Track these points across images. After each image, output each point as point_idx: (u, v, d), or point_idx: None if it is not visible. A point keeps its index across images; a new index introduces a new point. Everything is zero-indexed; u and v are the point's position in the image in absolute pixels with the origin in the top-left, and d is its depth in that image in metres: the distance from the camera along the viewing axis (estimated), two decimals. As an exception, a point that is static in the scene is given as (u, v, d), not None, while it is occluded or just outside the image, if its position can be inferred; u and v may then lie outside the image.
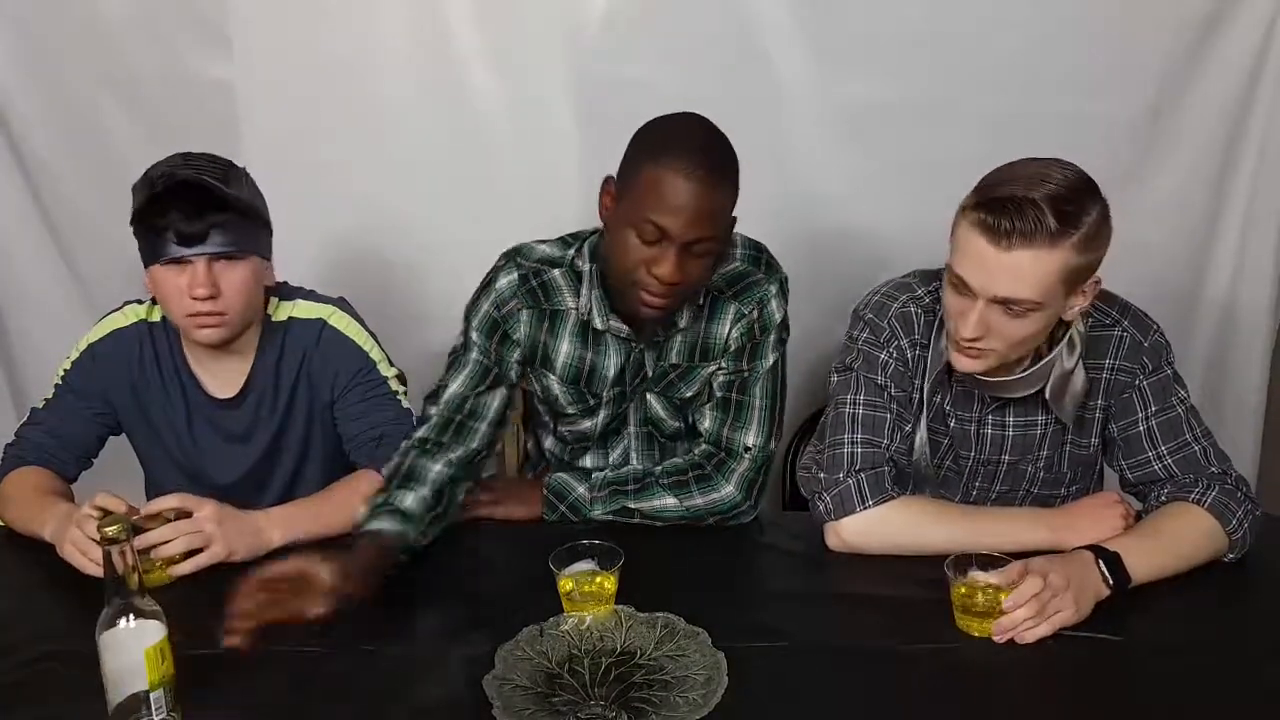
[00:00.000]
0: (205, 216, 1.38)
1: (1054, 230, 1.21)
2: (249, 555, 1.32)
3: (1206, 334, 2.11)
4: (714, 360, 1.50)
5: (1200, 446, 1.38)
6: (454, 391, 1.47)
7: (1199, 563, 1.31)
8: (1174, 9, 1.88)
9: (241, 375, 1.55)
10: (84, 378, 1.54)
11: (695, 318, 1.48)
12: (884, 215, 1.99)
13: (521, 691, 1.08)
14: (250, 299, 1.47)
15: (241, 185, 1.44)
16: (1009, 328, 1.28)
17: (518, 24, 1.92)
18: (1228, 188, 2.01)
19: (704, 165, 1.28)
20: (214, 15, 1.91)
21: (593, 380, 1.51)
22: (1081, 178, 1.26)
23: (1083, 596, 1.20)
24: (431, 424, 1.45)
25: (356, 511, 1.37)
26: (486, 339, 1.48)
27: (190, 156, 1.42)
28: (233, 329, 1.47)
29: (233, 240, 1.41)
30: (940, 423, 1.47)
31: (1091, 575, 1.24)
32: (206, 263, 1.40)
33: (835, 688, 1.11)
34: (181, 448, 1.58)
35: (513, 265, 1.48)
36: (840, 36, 1.91)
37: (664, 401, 1.54)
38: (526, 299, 1.47)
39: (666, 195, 1.27)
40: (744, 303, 1.47)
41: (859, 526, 1.36)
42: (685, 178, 1.26)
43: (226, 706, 1.08)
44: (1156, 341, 1.41)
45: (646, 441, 1.58)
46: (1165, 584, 1.29)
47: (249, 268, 1.44)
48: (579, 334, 1.48)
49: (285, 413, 1.57)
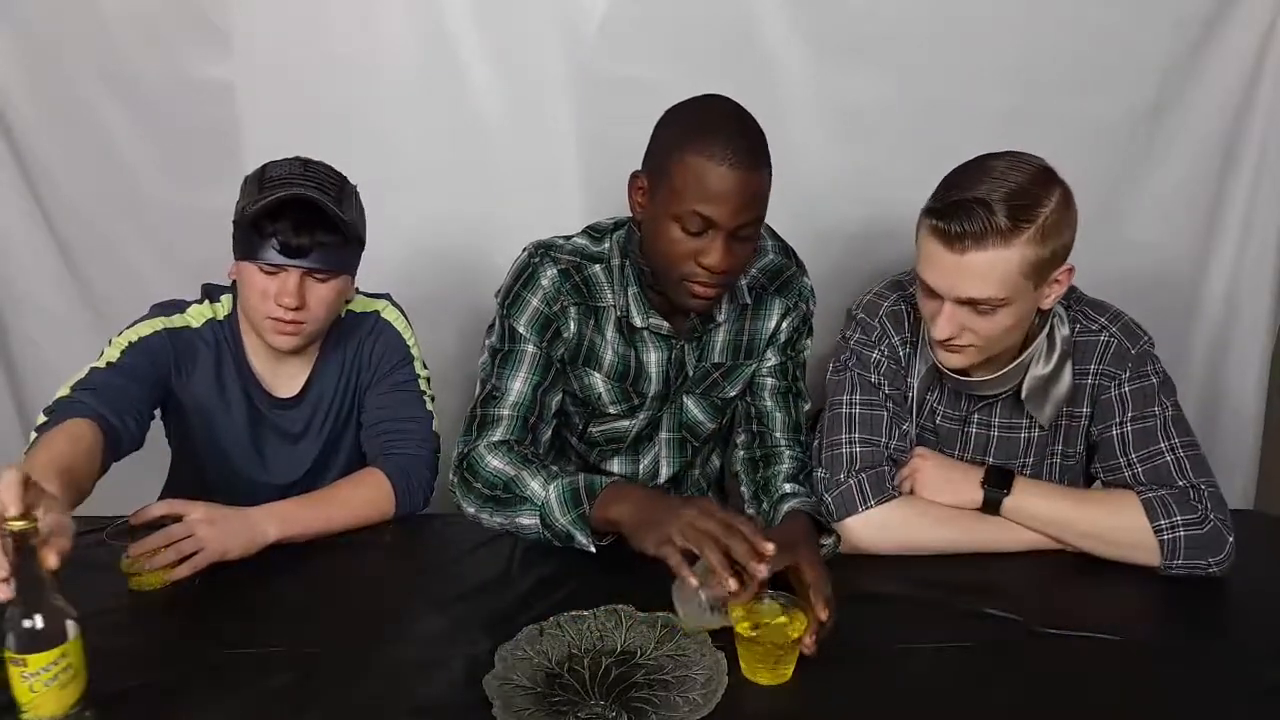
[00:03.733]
0: (314, 234, 1.39)
1: (1005, 228, 1.22)
2: (243, 553, 1.32)
3: (1206, 333, 2.11)
4: (758, 356, 1.50)
5: (1173, 457, 1.35)
6: (520, 390, 1.42)
7: (1107, 538, 1.32)
8: (1174, 9, 1.88)
9: (304, 375, 1.56)
10: (150, 353, 1.46)
11: (739, 314, 1.47)
12: (883, 215, 1.99)
13: (521, 691, 1.08)
14: (332, 314, 1.49)
15: (351, 206, 1.45)
16: (982, 324, 1.29)
17: (518, 24, 1.91)
18: (1228, 187, 2.01)
19: (744, 148, 1.24)
20: (214, 15, 1.91)
21: (639, 379, 1.48)
22: (1034, 169, 1.26)
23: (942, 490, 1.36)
24: (504, 426, 1.40)
25: (357, 510, 1.41)
26: (539, 335, 1.43)
27: (310, 166, 1.43)
28: (308, 339, 1.49)
29: (331, 260, 1.42)
30: (929, 420, 1.47)
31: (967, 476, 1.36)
32: (300, 276, 1.40)
33: (835, 688, 1.11)
34: (241, 449, 1.56)
35: (548, 261, 1.43)
36: (840, 36, 1.91)
37: (704, 404, 1.52)
38: (573, 295, 1.43)
39: (710, 183, 1.24)
40: (787, 296, 1.48)
41: (861, 526, 1.36)
42: (729, 165, 1.23)
43: (227, 706, 1.08)
44: (1144, 351, 1.39)
45: (679, 448, 1.57)
46: (1165, 584, 1.30)
47: (339, 285, 1.46)
48: (620, 332, 1.46)
49: (341, 408, 1.58)
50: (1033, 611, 1.24)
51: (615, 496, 1.25)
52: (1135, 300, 1.49)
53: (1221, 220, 2.04)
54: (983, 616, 1.24)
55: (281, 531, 1.36)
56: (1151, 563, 1.30)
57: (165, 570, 1.26)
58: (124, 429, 1.36)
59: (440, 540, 1.43)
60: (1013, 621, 1.23)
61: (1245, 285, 2.06)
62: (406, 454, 1.51)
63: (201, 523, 1.29)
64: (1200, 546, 1.28)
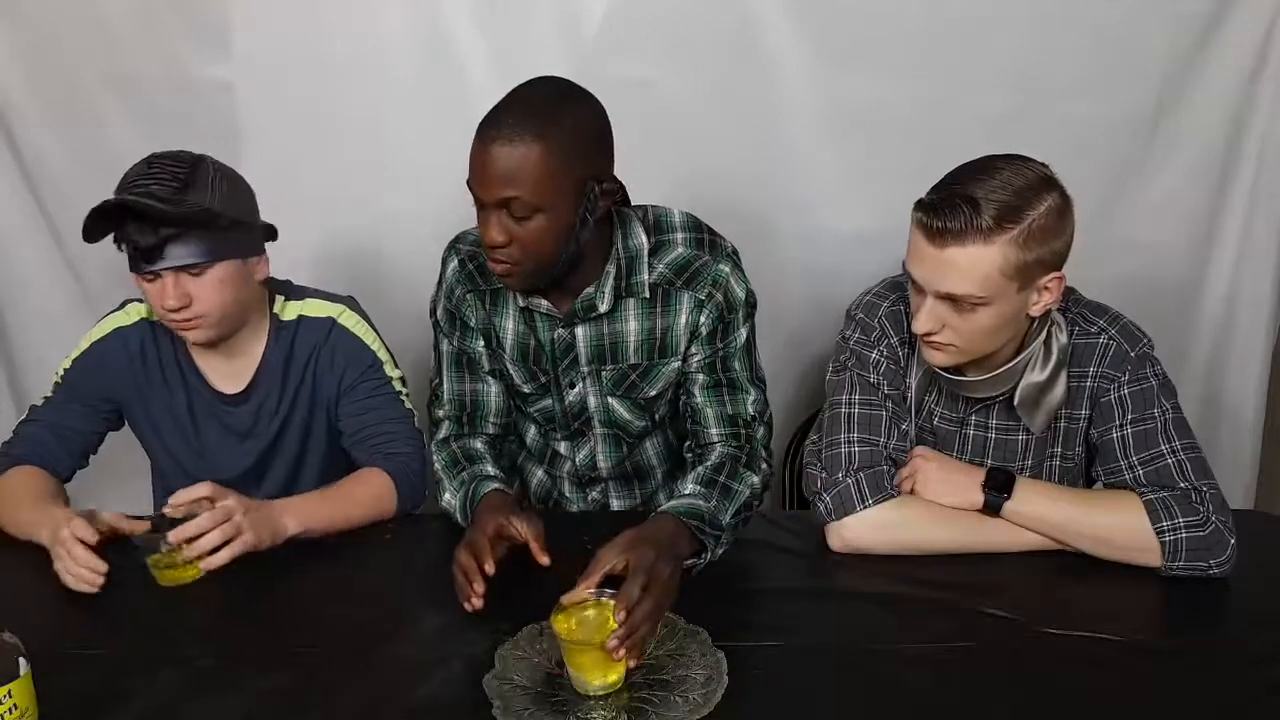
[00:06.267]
0: (157, 232, 1.36)
1: (987, 227, 1.22)
2: (270, 544, 1.32)
3: (1207, 332, 2.11)
4: (675, 354, 1.46)
5: (1174, 459, 1.34)
6: (449, 389, 1.53)
7: (1109, 540, 1.32)
8: (1174, 8, 1.87)
9: (249, 371, 1.56)
10: (85, 375, 1.55)
11: (645, 313, 1.44)
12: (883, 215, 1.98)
13: (521, 691, 1.08)
14: (227, 301, 1.45)
15: (206, 189, 1.40)
16: (962, 322, 1.29)
17: (517, 23, 1.91)
18: (1228, 187, 2.01)
19: (504, 124, 1.24)
20: (214, 15, 1.91)
21: (539, 357, 1.49)
22: (1035, 174, 1.25)
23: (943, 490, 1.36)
24: (446, 426, 1.52)
25: (367, 507, 1.45)
26: (450, 330, 1.51)
27: (155, 161, 1.40)
28: (219, 329, 1.47)
29: (194, 251, 1.39)
30: (927, 421, 1.47)
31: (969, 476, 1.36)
32: (173, 276, 1.40)
33: (835, 688, 1.11)
34: (186, 443, 1.58)
35: (453, 252, 1.51)
36: (840, 36, 1.91)
37: (627, 404, 1.52)
38: (468, 283, 1.48)
39: (472, 159, 1.27)
40: (698, 289, 1.42)
41: (860, 526, 1.36)
42: (481, 140, 1.25)
43: (227, 706, 1.08)
44: (1144, 353, 1.38)
45: (614, 443, 1.57)
46: (1165, 584, 1.30)
47: (221, 272, 1.43)
48: (518, 312, 1.47)
49: (290, 409, 1.58)
50: (1033, 611, 1.24)
51: (476, 510, 1.34)
52: (1135, 300, 1.49)
53: (1221, 221, 2.04)
54: (983, 616, 1.24)
55: (299, 526, 1.37)
56: (1153, 564, 1.30)
57: (196, 562, 1.26)
58: (70, 462, 1.54)
59: (440, 540, 1.43)
60: (1013, 621, 1.22)
61: (1245, 285, 2.06)
62: (400, 453, 1.52)
63: (235, 510, 1.29)
64: (1202, 548, 1.28)
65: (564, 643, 1.08)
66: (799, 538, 1.43)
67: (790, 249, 2.04)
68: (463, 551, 1.24)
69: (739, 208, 1.84)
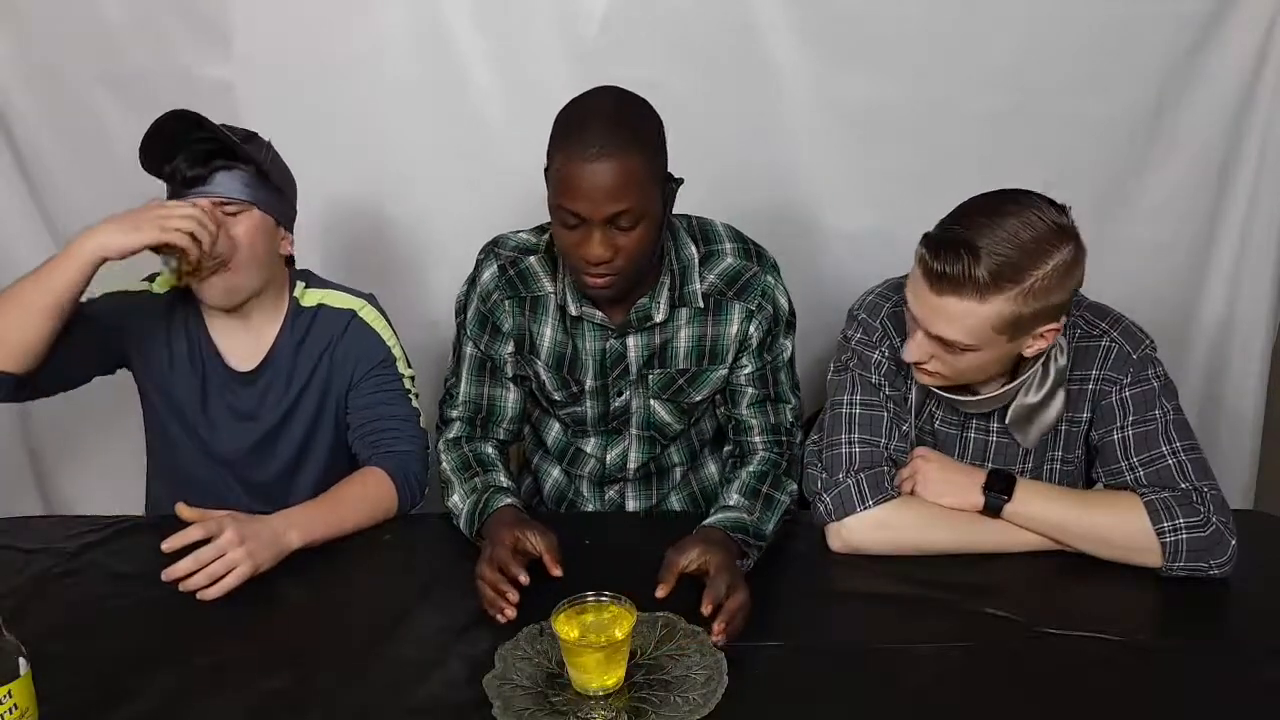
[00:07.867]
0: (210, 162, 1.41)
1: (984, 283, 1.20)
2: (272, 563, 1.32)
3: (1206, 333, 2.11)
4: (723, 362, 1.49)
5: (1175, 460, 1.33)
6: (465, 391, 1.53)
7: (1110, 541, 1.32)
8: (1174, 9, 1.87)
9: (262, 351, 1.57)
10: (109, 307, 1.54)
11: (698, 320, 1.46)
12: (884, 215, 1.99)
13: (521, 691, 1.08)
14: (257, 253, 1.47)
15: (259, 150, 1.47)
16: (949, 359, 1.30)
17: (518, 24, 1.91)
18: (1228, 188, 2.01)
19: (597, 141, 1.25)
20: (214, 15, 1.91)
21: (575, 367, 1.50)
22: (1043, 224, 1.21)
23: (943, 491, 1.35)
24: (458, 426, 1.52)
25: (367, 510, 1.44)
26: (479, 333, 1.50)
27: (205, 124, 1.42)
28: (239, 279, 1.47)
29: (239, 189, 1.44)
30: (928, 424, 1.47)
31: (969, 477, 1.36)
32: (214, 207, 1.43)
33: (835, 688, 1.11)
34: (193, 415, 1.57)
35: (491, 257, 1.49)
36: (841, 36, 1.91)
37: (670, 407, 1.53)
38: (507, 289, 1.48)
39: (572, 180, 1.26)
40: (748, 299, 1.46)
41: (860, 527, 1.36)
42: (582, 159, 1.25)
43: (227, 706, 1.08)
44: (1146, 355, 1.38)
45: (649, 444, 1.58)
46: (1165, 584, 1.30)
47: (258, 221, 1.47)
48: (559, 320, 1.48)
49: (297, 395, 1.58)
50: (1033, 611, 1.24)
51: (489, 524, 1.35)
52: (1135, 300, 1.49)
53: (1221, 221, 2.04)
54: (983, 616, 1.24)
55: (302, 539, 1.36)
56: (1153, 564, 1.30)
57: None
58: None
59: (440, 540, 1.43)
60: (1013, 621, 1.23)
61: (1245, 285, 2.06)
62: (400, 451, 1.52)
63: (232, 543, 1.27)
64: (1202, 549, 1.28)
65: (564, 643, 1.08)
66: (799, 538, 1.43)
67: (791, 249, 2.03)
68: (487, 567, 1.24)
69: (739, 208, 1.83)
